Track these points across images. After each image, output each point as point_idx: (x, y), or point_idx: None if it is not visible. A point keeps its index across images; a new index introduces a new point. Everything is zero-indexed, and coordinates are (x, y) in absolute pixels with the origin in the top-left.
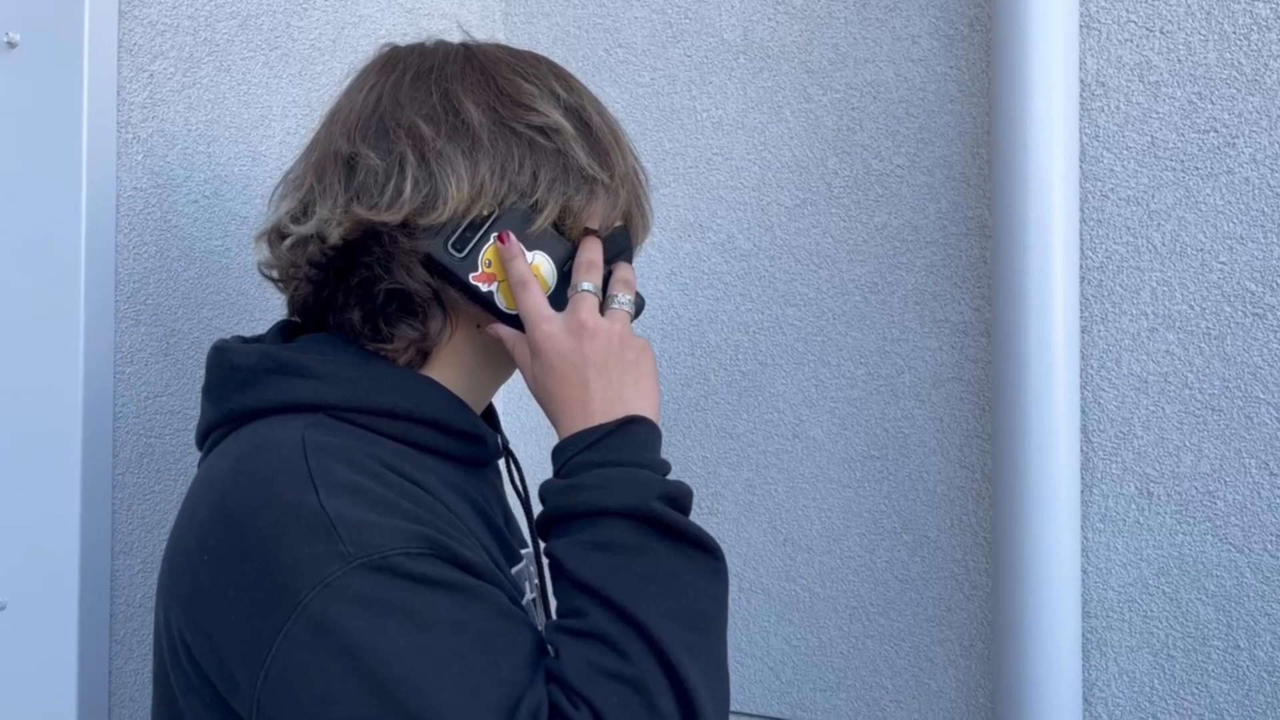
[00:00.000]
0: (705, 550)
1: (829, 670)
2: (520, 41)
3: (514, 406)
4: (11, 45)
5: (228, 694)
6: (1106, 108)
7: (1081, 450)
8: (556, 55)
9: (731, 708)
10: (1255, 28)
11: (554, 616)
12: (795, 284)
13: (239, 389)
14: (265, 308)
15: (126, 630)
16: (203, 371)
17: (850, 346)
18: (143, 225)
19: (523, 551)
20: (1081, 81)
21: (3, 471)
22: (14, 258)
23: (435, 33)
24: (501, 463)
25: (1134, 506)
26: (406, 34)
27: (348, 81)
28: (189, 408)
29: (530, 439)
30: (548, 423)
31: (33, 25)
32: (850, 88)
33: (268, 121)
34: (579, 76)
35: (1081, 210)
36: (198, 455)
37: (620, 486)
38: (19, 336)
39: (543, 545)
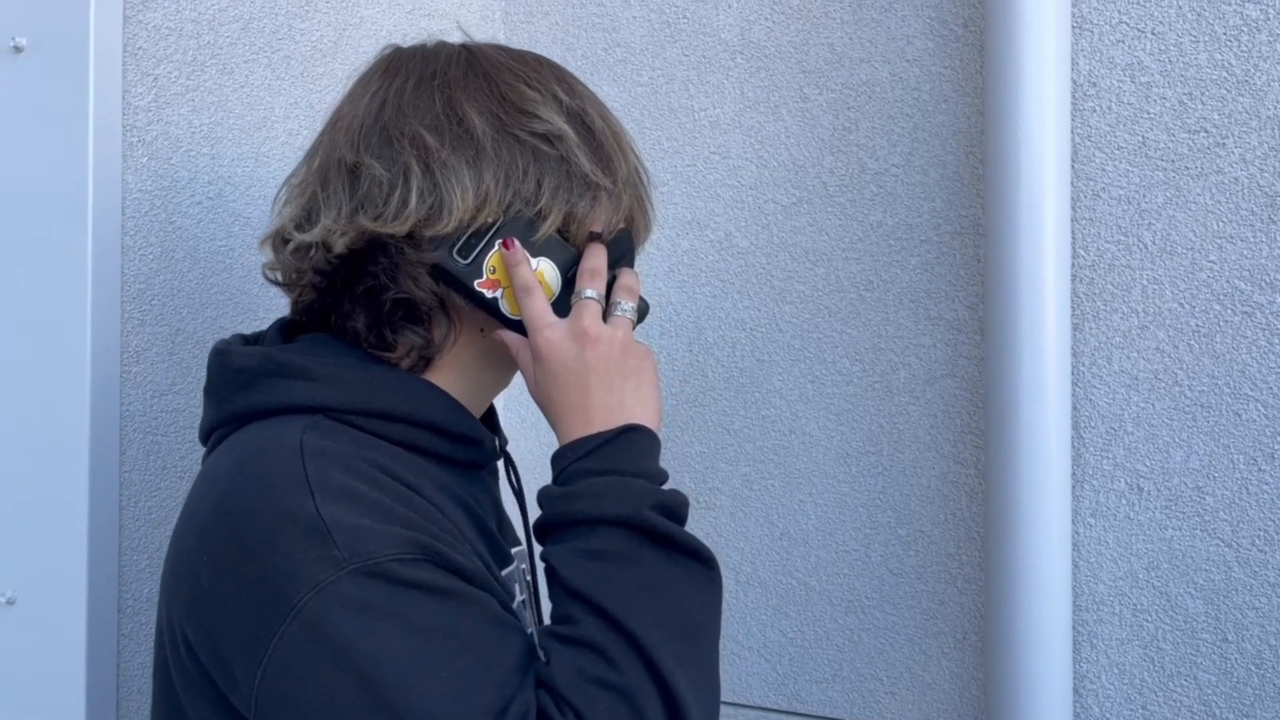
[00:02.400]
0: (699, 559)
1: (824, 663)
2: (519, 41)
3: (514, 403)
4: (18, 50)
5: (228, 690)
6: (1098, 108)
7: (1073, 446)
8: (555, 54)
9: (729, 699)
10: (1245, 29)
11: (545, 618)
12: (792, 281)
13: (240, 391)
14: (269, 307)
15: (134, 624)
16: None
17: (845, 343)
18: (148, 227)
19: (514, 551)
20: (1074, 82)
21: (13, 469)
22: (21, 260)
23: (436, 33)
24: (500, 463)
25: (1124, 502)
26: (408, 35)
27: (350, 84)
28: (194, 406)
29: (530, 435)
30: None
31: (39, 30)
32: (846, 87)
33: (270, 123)
34: (578, 75)
35: (1073, 209)
36: (203, 452)
37: (615, 495)
38: (27, 337)
39: (539, 549)
